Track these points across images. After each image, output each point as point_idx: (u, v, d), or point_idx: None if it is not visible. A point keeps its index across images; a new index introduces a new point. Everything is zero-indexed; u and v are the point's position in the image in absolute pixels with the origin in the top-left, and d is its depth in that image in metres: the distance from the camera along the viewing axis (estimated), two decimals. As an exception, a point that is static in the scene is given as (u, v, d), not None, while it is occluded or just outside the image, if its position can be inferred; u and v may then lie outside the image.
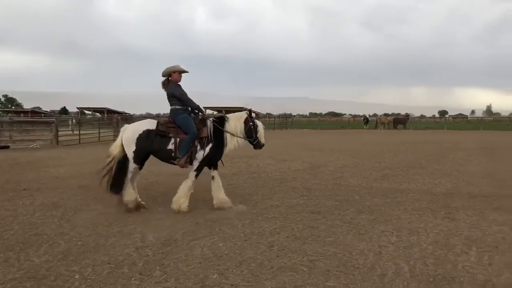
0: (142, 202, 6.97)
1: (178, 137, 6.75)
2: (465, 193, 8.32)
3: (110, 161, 6.91)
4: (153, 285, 3.92)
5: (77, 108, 63.41)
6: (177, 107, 6.92)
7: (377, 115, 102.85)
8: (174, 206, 6.70)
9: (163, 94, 7.02)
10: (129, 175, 6.77)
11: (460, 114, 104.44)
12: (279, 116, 61.67)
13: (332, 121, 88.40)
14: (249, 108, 7.52)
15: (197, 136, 6.77)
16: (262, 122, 7.36)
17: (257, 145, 7.11)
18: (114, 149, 6.91)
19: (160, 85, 7.07)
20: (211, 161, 6.97)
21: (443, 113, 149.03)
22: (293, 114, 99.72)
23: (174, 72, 7.00)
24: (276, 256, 4.66)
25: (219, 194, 6.97)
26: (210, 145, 6.85)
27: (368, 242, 5.15)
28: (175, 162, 6.75)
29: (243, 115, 7.16)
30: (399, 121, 50.33)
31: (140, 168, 7.03)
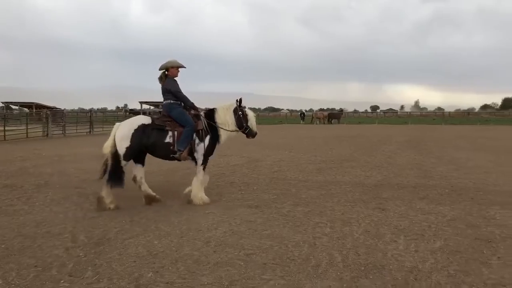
0: (157, 196, 6.96)
1: (176, 130, 6.76)
2: (395, 184, 8.72)
3: (105, 161, 6.75)
4: (85, 286, 3.76)
5: (2, 102, 59.42)
6: (171, 101, 6.96)
7: (313, 110, 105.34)
8: (197, 201, 6.83)
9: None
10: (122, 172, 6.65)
11: (390, 109, 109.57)
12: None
13: (270, 116, 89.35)
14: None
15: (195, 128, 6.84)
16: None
17: (249, 133, 7.30)
18: (106, 149, 6.70)
19: (157, 79, 7.10)
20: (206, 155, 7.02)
21: (375, 108, 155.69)
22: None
23: (172, 67, 7.04)
24: (213, 251, 4.63)
25: (194, 188, 6.98)
26: (208, 137, 6.96)
27: (303, 234, 5.26)
28: (175, 155, 6.76)
29: (231, 105, 7.22)
30: (334, 116, 51.93)
31: (142, 165, 7.00)
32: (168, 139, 6.73)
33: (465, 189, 8.09)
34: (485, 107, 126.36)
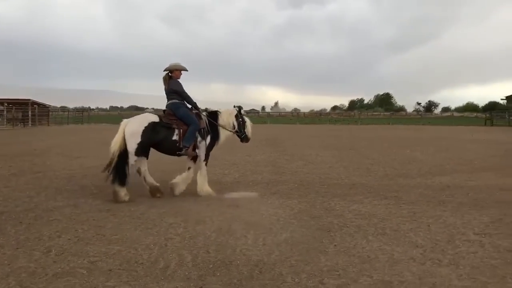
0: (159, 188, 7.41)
1: (181, 128, 7.25)
2: (250, 180, 9.06)
3: (112, 158, 6.96)
4: None
5: None
6: (177, 101, 7.43)
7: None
8: (203, 194, 7.46)
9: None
10: (132, 168, 7.07)
11: (253, 109, 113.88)
12: (75, 109, 57.36)
13: (134, 115, 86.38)
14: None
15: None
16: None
17: (244, 138, 8.07)
18: (115, 145, 6.99)
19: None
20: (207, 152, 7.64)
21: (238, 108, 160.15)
22: (93, 107, 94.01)
23: (176, 69, 7.52)
24: (53, 262, 4.25)
25: (183, 181, 7.63)
26: (209, 135, 7.59)
27: (155, 236, 5.14)
28: (181, 152, 7.27)
29: (234, 111, 7.97)
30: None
31: (147, 158, 7.37)
32: (175, 137, 7.23)
33: (312, 183, 8.75)
34: (334, 108, 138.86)
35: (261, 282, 3.83)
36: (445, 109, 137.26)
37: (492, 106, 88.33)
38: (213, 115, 7.83)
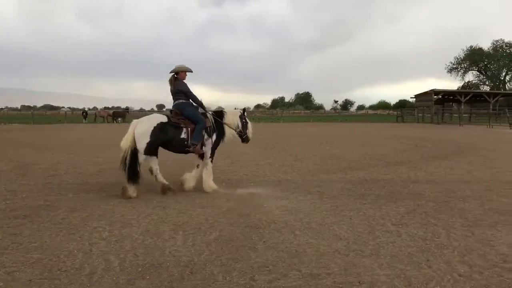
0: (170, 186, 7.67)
1: (189, 127, 7.56)
2: (176, 181, 8.91)
3: (124, 155, 7.23)
4: None
5: None
6: (183, 101, 7.73)
7: (98, 108, 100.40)
8: (208, 189, 7.75)
9: None
10: (140, 166, 7.26)
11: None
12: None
13: (48, 114, 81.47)
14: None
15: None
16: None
17: (245, 139, 8.48)
18: (125, 143, 7.23)
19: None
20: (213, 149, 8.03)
21: (161, 106, 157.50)
22: (2, 107, 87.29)
23: (182, 71, 7.82)
24: (-37, 275, 3.91)
25: (192, 178, 7.97)
26: (215, 133, 7.96)
27: (78, 241, 4.90)
28: (190, 149, 7.62)
29: (238, 112, 8.47)
30: (119, 115, 50.49)
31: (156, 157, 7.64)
32: (183, 135, 7.52)
33: (240, 181, 8.82)
34: (258, 106, 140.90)
35: (192, 282, 3.81)
36: (360, 107, 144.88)
37: (402, 104, 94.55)
38: (219, 114, 8.21)
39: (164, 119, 7.47)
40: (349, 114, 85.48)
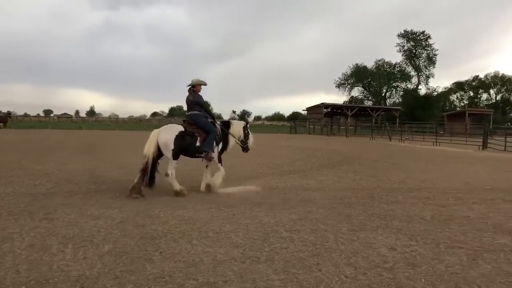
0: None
1: (202, 135, 8.39)
2: (66, 191, 8.40)
3: (147, 161, 7.92)
4: None
5: None
6: (198, 112, 8.53)
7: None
8: (216, 189, 8.63)
9: None
10: (174, 170, 8.19)
11: (65, 113, 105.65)
12: None
13: None
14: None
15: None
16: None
17: (246, 149, 9.43)
18: (149, 150, 7.96)
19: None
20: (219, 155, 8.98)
21: (48, 112, 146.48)
22: None
23: (198, 84, 8.64)
24: None
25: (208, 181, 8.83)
26: (221, 142, 8.90)
27: (-52, 260, 4.38)
28: (202, 155, 8.48)
29: (242, 123, 9.41)
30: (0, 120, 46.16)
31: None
32: (198, 143, 8.35)
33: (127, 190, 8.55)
34: (155, 114, 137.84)
35: (83, 298, 3.61)
36: (258, 118, 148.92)
37: (295, 116, 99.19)
38: (226, 125, 9.16)
39: (181, 128, 8.25)
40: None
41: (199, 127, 8.46)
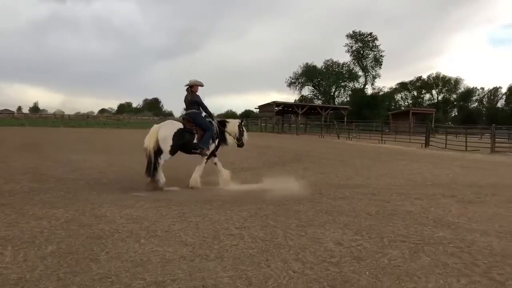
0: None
1: (200, 133, 8.82)
2: (6, 191, 8.01)
3: (148, 153, 8.37)
4: None
5: None
6: (196, 110, 9.04)
7: None
8: (193, 184, 8.88)
9: None
10: (162, 164, 8.54)
11: (6, 109, 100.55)
12: None
13: None
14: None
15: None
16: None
17: (241, 145, 9.92)
18: (149, 144, 8.33)
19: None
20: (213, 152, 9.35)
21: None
22: None
23: (196, 85, 9.11)
24: None
25: (224, 174, 9.37)
26: (217, 140, 9.33)
27: None
28: (198, 151, 8.91)
29: (237, 121, 10.03)
30: None
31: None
32: (195, 140, 8.78)
33: (80, 190, 8.29)
34: (102, 111, 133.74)
35: (23, 301, 3.46)
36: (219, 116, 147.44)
37: (247, 114, 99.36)
38: (222, 123, 9.64)
39: (181, 125, 8.68)
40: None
41: (197, 125, 8.94)
